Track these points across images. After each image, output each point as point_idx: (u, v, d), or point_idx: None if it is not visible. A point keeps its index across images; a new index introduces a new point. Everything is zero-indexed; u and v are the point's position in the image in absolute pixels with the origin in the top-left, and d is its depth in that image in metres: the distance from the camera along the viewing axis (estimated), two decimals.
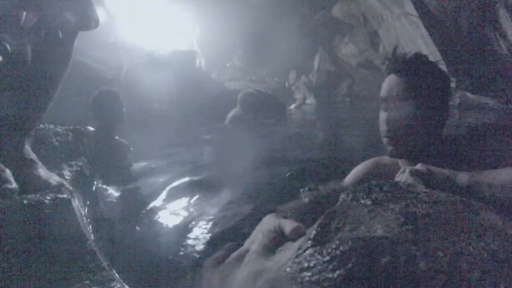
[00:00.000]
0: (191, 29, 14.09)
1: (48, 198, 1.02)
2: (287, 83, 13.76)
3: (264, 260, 0.65)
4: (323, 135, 4.53)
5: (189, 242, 1.26)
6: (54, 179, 1.25)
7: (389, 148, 1.26)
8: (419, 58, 1.25)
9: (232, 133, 4.10)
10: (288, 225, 0.77)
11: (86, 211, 1.47)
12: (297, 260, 0.50)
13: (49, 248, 0.92)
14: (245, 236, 0.75)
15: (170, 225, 1.40)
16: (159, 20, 10.87)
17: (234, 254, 0.73)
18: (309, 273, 0.46)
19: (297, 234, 0.72)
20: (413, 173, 0.92)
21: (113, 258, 1.12)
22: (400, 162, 1.34)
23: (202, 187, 1.82)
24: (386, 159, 1.41)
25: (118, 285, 0.90)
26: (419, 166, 0.96)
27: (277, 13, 13.27)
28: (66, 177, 1.46)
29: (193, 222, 1.40)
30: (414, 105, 1.20)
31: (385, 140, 1.27)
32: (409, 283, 0.43)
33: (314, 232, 0.54)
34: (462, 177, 0.94)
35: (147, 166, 2.39)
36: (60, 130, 1.79)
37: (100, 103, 2.55)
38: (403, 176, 0.96)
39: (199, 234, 1.31)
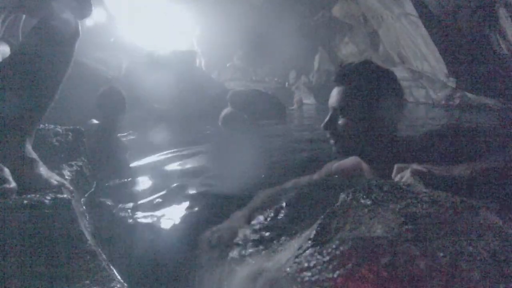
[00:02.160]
0: (191, 29, 14.08)
1: (48, 198, 1.02)
2: (287, 83, 13.75)
3: (264, 260, 0.65)
4: (323, 134, 4.52)
5: (190, 242, 1.26)
6: (54, 178, 1.25)
7: (336, 148, 1.35)
8: (363, 67, 1.32)
9: (226, 134, 4.09)
10: None
11: (86, 211, 1.47)
12: (297, 260, 0.50)
13: (49, 248, 0.92)
14: (246, 236, 0.75)
15: (170, 225, 1.39)
16: (159, 20, 10.87)
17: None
18: (309, 273, 0.46)
19: None
20: (414, 173, 0.93)
21: (113, 258, 1.12)
22: (364, 166, 1.40)
23: (202, 187, 1.82)
24: (346, 162, 1.51)
25: (118, 285, 0.90)
26: (419, 166, 0.96)
27: (277, 13, 13.27)
28: (66, 177, 1.46)
29: (194, 222, 1.40)
30: (361, 112, 1.27)
31: (332, 141, 1.35)
32: (409, 283, 0.43)
33: (314, 232, 0.54)
34: (461, 171, 0.97)
35: (147, 166, 2.38)
36: (60, 130, 1.79)
37: (106, 101, 2.67)
38: (402, 174, 0.96)
39: (200, 234, 1.31)
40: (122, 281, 0.99)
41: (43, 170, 1.25)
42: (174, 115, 5.16)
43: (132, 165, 2.41)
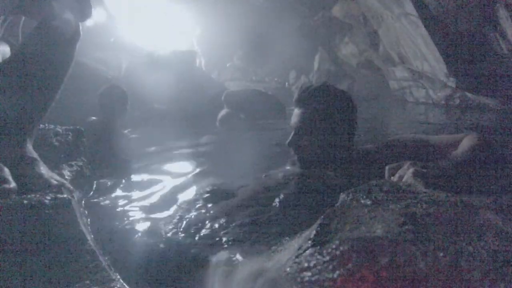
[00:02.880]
0: (191, 29, 14.07)
1: (48, 198, 1.02)
2: (287, 83, 13.74)
3: (264, 260, 0.65)
4: None
5: (190, 241, 1.26)
6: (55, 178, 1.25)
7: (299, 162, 1.55)
8: (319, 90, 1.51)
9: (224, 133, 4.11)
10: None
11: (86, 211, 1.47)
12: (297, 260, 0.50)
13: (49, 248, 0.92)
14: (246, 236, 0.75)
15: (171, 224, 1.39)
16: (159, 20, 10.86)
17: None
18: (309, 273, 0.46)
19: None
20: (416, 174, 0.93)
21: (113, 258, 1.12)
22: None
23: (202, 186, 1.82)
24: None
25: (118, 285, 0.90)
26: (419, 167, 0.96)
27: (277, 13, 13.27)
28: (66, 177, 1.46)
29: (194, 222, 1.40)
30: (320, 131, 1.47)
31: (296, 157, 1.55)
32: (409, 283, 0.43)
33: (314, 232, 0.54)
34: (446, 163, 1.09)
35: (147, 166, 2.39)
36: (60, 130, 1.79)
37: (107, 98, 2.69)
38: (401, 174, 0.97)
39: (200, 234, 1.31)
40: (122, 281, 0.99)
41: (43, 169, 1.25)
42: (174, 115, 5.16)
43: (132, 164, 2.41)
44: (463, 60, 8.18)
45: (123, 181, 1.96)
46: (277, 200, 1.47)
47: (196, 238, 1.29)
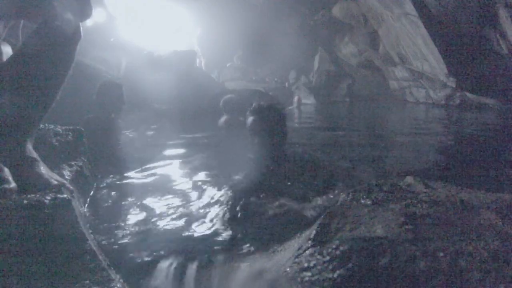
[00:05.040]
0: (192, 29, 14.10)
1: (48, 198, 1.02)
2: (287, 83, 13.75)
3: (264, 260, 0.65)
4: (322, 135, 4.53)
5: (190, 241, 1.26)
6: (55, 178, 1.25)
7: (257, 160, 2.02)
8: (268, 107, 2.14)
9: (223, 135, 4.11)
10: None
11: (86, 211, 1.47)
12: (297, 260, 0.50)
13: (49, 248, 0.92)
14: (246, 236, 0.75)
15: (170, 224, 1.39)
16: (159, 20, 10.88)
17: None
18: (309, 273, 0.46)
19: None
20: None
21: (113, 258, 1.12)
22: None
23: (202, 186, 1.82)
24: None
25: (118, 285, 0.90)
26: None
27: (277, 13, 13.28)
28: (66, 177, 1.46)
29: (194, 222, 1.40)
30: (266, 130, 2.07)
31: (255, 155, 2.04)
32: (409, 283, 0.43)
33: (314, 232, 0.54)
34: None
35: (146, 165, 2.39)
36: (60, 130, 1.79)
37: (105, 94, 2.69)
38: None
39: (200, 234, 1.31)
40: (122, 281, 0.99)
41: (43, 170, 1.24)
42: (174, 114, 5.16)
43: (131, 162, 2.41)
44: (463, 60, 8.19)
45: (123, 180, 1.96)
46: (276, 200, 1.47)
47: (197, 238, 1.29)
